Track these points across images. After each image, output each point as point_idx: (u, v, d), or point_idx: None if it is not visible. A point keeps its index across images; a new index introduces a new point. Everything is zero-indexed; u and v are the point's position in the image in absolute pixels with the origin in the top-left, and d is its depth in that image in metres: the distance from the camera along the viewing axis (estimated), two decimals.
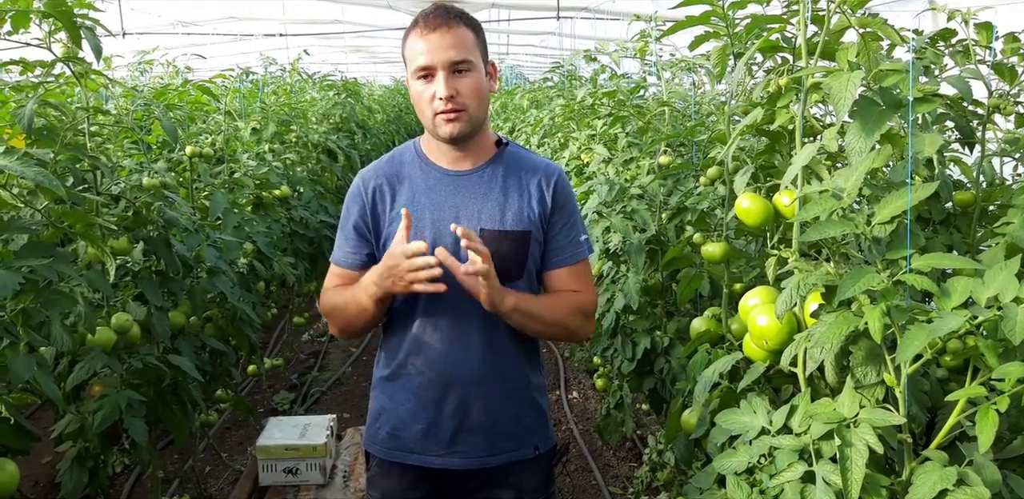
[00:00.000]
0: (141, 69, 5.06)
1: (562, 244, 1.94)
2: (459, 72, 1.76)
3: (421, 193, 1.87)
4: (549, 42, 13.02)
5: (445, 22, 1.76)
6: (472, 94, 1.78)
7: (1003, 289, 1.22)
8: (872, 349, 1.38)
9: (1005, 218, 1.73)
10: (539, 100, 6.93)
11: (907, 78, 1.39)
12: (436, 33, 1.75)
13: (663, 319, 2.95)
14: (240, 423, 4.71)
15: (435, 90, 1.75)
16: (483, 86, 1.81)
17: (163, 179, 2.80)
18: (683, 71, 3.53)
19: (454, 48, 1.75)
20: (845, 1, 1.54)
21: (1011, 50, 1.99)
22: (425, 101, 1.78)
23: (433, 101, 1.76)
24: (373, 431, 2.01)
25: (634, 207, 2.93)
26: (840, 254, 1.51)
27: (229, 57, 13.32)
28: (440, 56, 1.74)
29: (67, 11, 2.03)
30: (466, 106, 1.77)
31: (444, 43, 1.74)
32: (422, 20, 1.77)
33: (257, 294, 3.68)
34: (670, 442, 2.18)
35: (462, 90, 1.76)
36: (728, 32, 1.90)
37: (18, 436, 1.85)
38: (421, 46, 1.75)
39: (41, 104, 2.22)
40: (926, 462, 1.31)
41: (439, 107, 1.76)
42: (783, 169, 1.68)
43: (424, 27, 1.76)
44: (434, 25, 1.75)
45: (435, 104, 1.76)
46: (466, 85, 1.77)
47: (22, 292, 1.85)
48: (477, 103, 1.79)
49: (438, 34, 1.74)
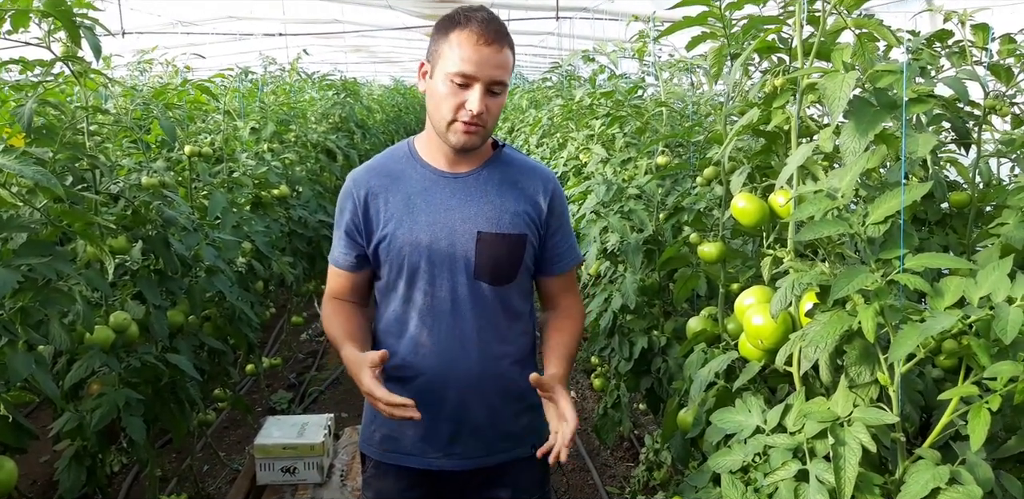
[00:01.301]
0: (140, 68, 5.06)
1: (561, 250, 1.97)
2: (494, 92, 1.76)
3: (416, 195, 1.87)
4: (548, 42, 13.03)
5: (499, 39, 1.74)
6: (496, 113, 1.80)
7: (995, 289, 1.23)
8: (866, 348, 1.39)
9: (1000, 219, 1.74)
10: (538, 100, 6.94)
11: (902, 79, 1.40)
12: (491, 48, 1.72)
13: (660, 319, 2.96)
14: (238, 422, 4.71)
15: (467, 100, 1.74)
16: (503, 105, 1.82)
17: (162, 178, 2.80)
18: (681, 71, 3.54)
19: (500, 68, 1.74)
20: (841, 2, 1.54)
21: (1007, 51, 2.00)
22: (450, 106, 1.76)
23: (459, 110, 1.75)
24: (369, 433, 2.01)
25: (631, 207, 2.94)
26: (835, 254, 1.52)
27: (228, 56, 13.32)
28: (487, 72, 1.73)
29: (67, 11, 2.04)
30: (487, 123, 1.78)
31: (494, 61, 1.73)
32: (477, 27, 1.72)
33: (255, 293, 3.68)
34: (666, 441, 2.18)
35: (491, 109, 1.77)
36: (725, 33, 1.91)
37: (17, 434, 1.86)
38: (469, 54, 1.71)
39: (40, 103, 2.23)
40: (919, 461, 1.31)
41: (464, 117, 1.75)
42: (779, 169, 1.68)
43: (481, 36, 1.72)
44: (490, 39, 1.72)
45: (461, 113, 1.75)
46: (495, 105, 1.78)
47: (21, 290, 1.86)
48: (495, 121, 1.82)
49: (492, 50, 1.72)
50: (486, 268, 1.85)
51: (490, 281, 1.86)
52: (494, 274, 1.86)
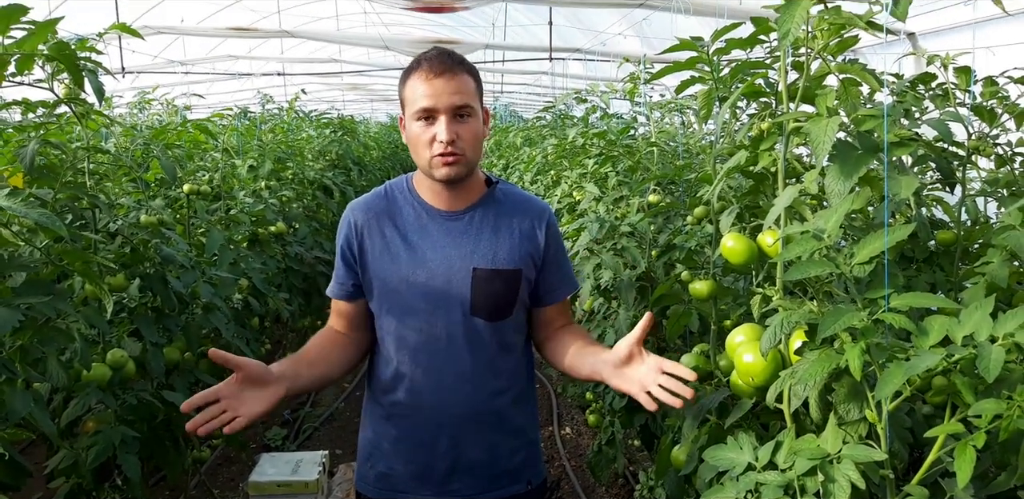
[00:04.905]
0: (140, 107, 5.12)
1: (556, 282, 1.99)
2: (460, 117, 1.79)
3: (414, 232, 1.90)
4: (543, 80, 13.19)
5: (450, 68, 1.79)
6: (471, 139, 1.81)
7: (978, 328, 1.26)
8: (854, 386, 1.41)
9: (985, 257, 1.77)
10: (532, 138, 7.02)
11: (883, 123, 1.44)
12: (441, 78, 1.77)
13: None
14: (232, 459, 4.68)
15: (436, 133, 1.77)
16: (480, 131, 1.84)
17: (160, 216, 2.83)
18: (672, 112, 3.60)
19: (458, 93, 1.78)
20: (825, 48, 1.58)
21: (990, 93, 2.05)
22: (423, 143, 1.80)
23: (433, 144, 1.78)
24: (364, 471, 2.01)
25: (624, 244, 2.97)
26: (824, 292, 1.55)
27: (227, 94, 13.45)
28: (444, 101, 1.76)
29: (70, 55, 2.08)
30: (464, 151, 1.80)
31: (448, 88, 1.77)
32: (426, 64, 1.79)
33: (251, 330, 3.69)
34: (660, 478, 2.19)
35: (462, 135, 1.79)
36: (713, 76, 1.95)
37: (13, 472, 1.86)
38: (424, 89, 1.77)
39: (43, 144, 2.26)
40: (907, 498, 1.33)
41: (438, 150, 1.78)
42: (767, 209, 1.71)
43: (429, 71, 1.78)
44: (439, 70, 1.78)
45: (434, 147, 1.78)
46: (466, 130, 1.80)
47: (21, 329, 1.87)
48: (474, 148, 1.83)
49: (443, 79, 1.77)
50: (483, 304, 1.87)
51: (487, 317, 1.88)
52: (491, 310, 1.88)
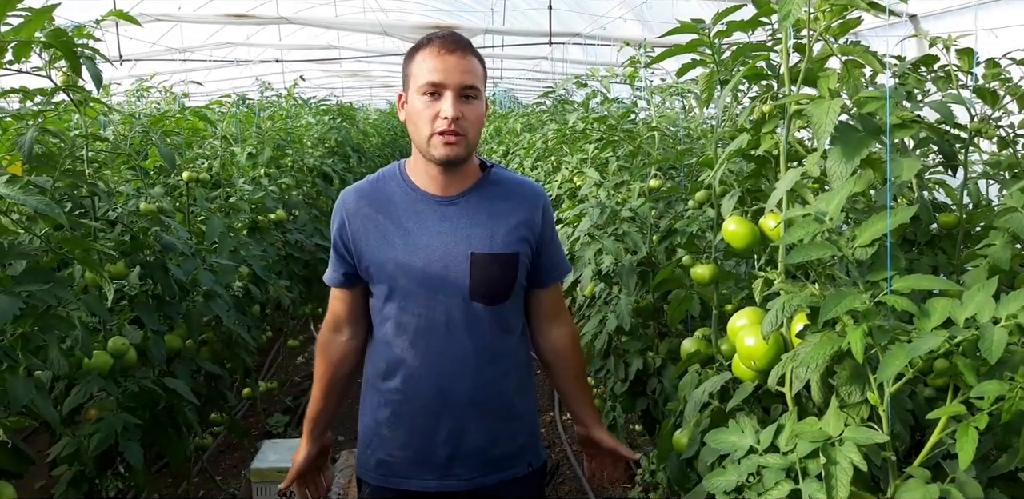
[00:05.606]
0: (139, 95, 5.10)
1: (552, 263, 2.00)
2: (466, 98, 1.79)
3: (408, 218, 1.88)
4: (543, 66, 13.14)
5: (462, 48, 1.79)
6: (475, 121, 1.81)
7: (980, 309, 1.25)
8: (856, 369, 1.41)
9: (987, 240, 1.77)
10: (532, 124, 6.99)
11: (886, 105, 1.43)
12: (453, 55, 1.77)
13: (655, 340, 2.97)
14: (235, 446, 4.70)
15: (441, 109, 1.76)
16: (483, 115, 1.84)
17: (160, 204, 2.82)
18: (672, 96, 3.58)
19: (468, 73, 1.78)
20: (827, 30, 1.57)
21: (992, 75, 2.03)
22: (426, 119, 1.78)
23: (435, 120, 1.77)
24: (365, 457, 2.01)
25: (625, 229, 2.97)
26: (826, 275, 1.54)
27: (226, 81, 13.40)
28: (455, 78, 1.76)
29: (68, 42, 2.07)
30: (467, 131, 1.79)
31: (460, 66, 1.77)
32: (439, 41, 1.79)
33: (252, 317, 3.69)
34: (662, 462, 2.19)
35: (467, 115, 1.78)
36: (714, 59, 1.94)
37: (16, 459, 1.86)
38: (435, 64, 1.77)
39: (41, 132, 2.25)
40: (910, 479, 1.33)
41: (441, 127, 1.76)
42: (769, 193, 1.71)
43: (441, 47, 1.78)
44: (451, 48, 1.78)
45: (437, 123, 1.77)
46: (471, 111, 1.79)
47: (21, 317, 1.87)
48: (476, 130, 1.82)
49: (455, 57, 1.77)
50: (481, 288, 1.86)
51: (486, 301, 1.88)
52: (489, 294, 1.88)
